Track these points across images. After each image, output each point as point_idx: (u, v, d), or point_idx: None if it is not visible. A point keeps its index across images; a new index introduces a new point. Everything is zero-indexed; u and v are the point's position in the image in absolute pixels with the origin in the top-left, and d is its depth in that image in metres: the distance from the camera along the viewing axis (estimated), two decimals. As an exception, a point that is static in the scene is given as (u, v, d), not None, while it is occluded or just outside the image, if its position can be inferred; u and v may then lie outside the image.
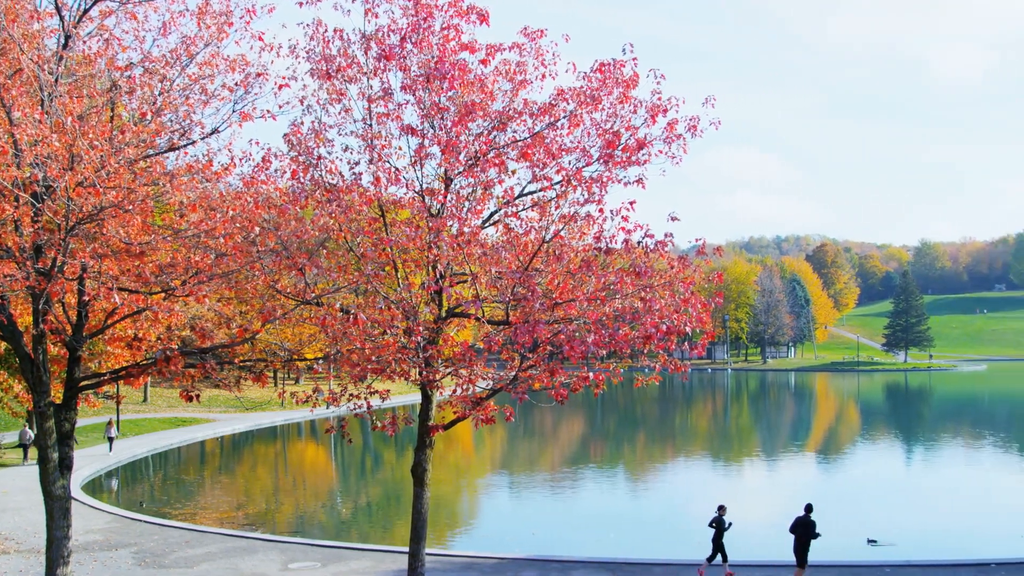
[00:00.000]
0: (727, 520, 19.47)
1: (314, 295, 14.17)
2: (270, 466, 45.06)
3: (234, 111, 14.47)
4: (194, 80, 14.13)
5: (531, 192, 14.14)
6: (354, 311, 13.26)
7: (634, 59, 13.51)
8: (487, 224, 14.65)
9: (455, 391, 13.70)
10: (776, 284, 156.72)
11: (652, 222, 22.48)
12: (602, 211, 13.27)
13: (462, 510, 33.24)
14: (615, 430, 62.37)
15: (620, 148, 13.31)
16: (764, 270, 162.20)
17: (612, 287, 12.91)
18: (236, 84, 14.35)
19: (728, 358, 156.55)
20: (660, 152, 13.56)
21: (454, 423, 14.36)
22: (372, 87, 14.03)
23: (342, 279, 14.25)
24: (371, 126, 13.99)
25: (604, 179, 13.32)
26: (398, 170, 14.00)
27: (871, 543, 23.95)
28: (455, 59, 13.68)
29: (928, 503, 33.30)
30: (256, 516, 30.07)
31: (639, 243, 13.02)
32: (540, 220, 13.82)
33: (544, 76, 14.12)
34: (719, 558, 19.40)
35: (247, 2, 14.30)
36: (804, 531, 18.29)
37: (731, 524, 19.53)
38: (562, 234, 13.79)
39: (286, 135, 14.08)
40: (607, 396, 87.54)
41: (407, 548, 15.39)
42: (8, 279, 12.40)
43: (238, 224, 13.65)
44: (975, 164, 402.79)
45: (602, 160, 13.45)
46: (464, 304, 13.55)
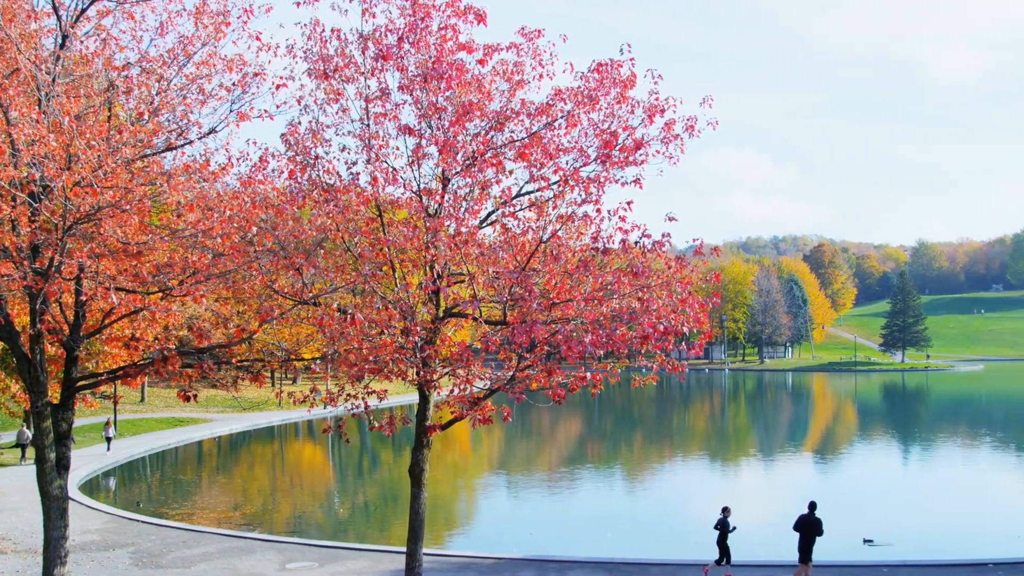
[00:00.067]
0: (731, 522, 19.48)
1: (311, 295, 14.16)
2: (267, 466, 45.03)
3: (231, 111, 14.47)
4: (191, 80, 14.12)
5: (528, 192, 14.14)
6: (351, 311, 13.24)
7: (631, 59, 13.52)
8: (484, 224, 14.65)
9: (452, 391, 13.68)
10: (773, 284, 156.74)
11: (649, 222, 22.47)
12: (599, 211, 13.29)
13: (459, 510, 33.23)
14: (612, 430, 62.35)
15: (617, 148, 13.31)
16: (761, 270, 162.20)
17: (609, 287, 12.92)
18: (233, 84, 14.34)
19: (725, 358, 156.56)
20: (657, 152, 13.57)
21: (451, 423, 14.34)
22: (369, 87, 14.04)
23: (339, 279, 14.23)
24: (368, 126, 13.99)
25: (601, 179, 13.33)
26: (395, 170, 14.00)
27: (867, 543, 23.97)
28: (452, 59, 13.68)
29: (925, 503, 33.34)
30: (253, 516, 30.05)
31: (636, 243, 13.03)
32: (537, 220, 13.82)
33: (541, 76, 14.13)
34: (724, 560, 19.42)
35: (244, 2, 14.31)
36: (808, 529, 18.35)
37: (735, 527, 19.54)
38: (559, 234, 13.78)
39: (283, 135, 14.09)
40: (604, 396, 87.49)
41: (404, 548, 15.38)
42: (5, 279, 12.40)
43: (235, 224, 13.64)
44: (972, 164, 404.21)
45: (599, 160, 13.45)
46: (461, 304, 13.55)
